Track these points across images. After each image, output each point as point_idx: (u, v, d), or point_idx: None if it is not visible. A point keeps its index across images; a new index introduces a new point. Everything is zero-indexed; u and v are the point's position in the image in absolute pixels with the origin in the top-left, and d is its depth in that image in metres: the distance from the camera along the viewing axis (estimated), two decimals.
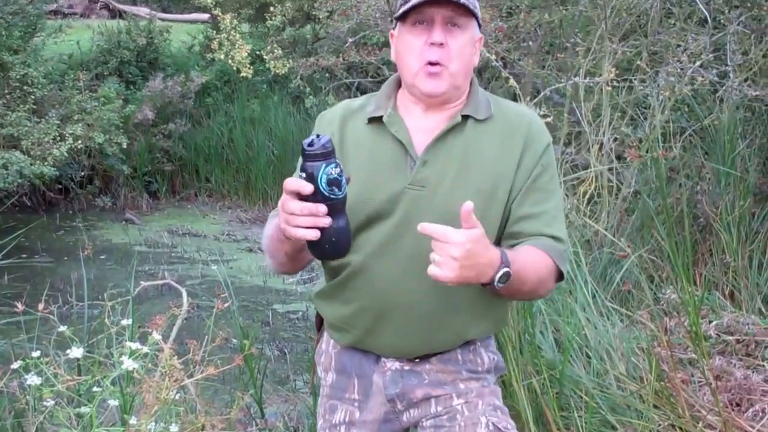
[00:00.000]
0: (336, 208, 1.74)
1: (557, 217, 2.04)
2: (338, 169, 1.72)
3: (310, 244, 1.78)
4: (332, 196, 1.72)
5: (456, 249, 1.68)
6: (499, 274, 1.76)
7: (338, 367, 2.18)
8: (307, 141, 1.73)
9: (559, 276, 2.01)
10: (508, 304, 2.27)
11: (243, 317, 5.54)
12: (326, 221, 1.73)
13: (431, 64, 1.94)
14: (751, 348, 3.66)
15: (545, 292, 2.06)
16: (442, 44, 1.93)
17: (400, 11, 1.96)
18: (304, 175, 1.72)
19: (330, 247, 1.79)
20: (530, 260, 1.89)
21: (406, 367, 2.11)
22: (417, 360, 2.10)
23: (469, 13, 1.95)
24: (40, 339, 3.22)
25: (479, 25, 2.02)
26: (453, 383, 2.11)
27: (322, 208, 1.71)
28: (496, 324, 2.19)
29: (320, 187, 1.71)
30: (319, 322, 2.30)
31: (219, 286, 3.85)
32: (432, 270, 1.71)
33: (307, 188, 1.71)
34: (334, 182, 1.72)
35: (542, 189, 2.02)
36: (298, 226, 1.74)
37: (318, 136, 1.74)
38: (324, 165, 1.71)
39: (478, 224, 1.70)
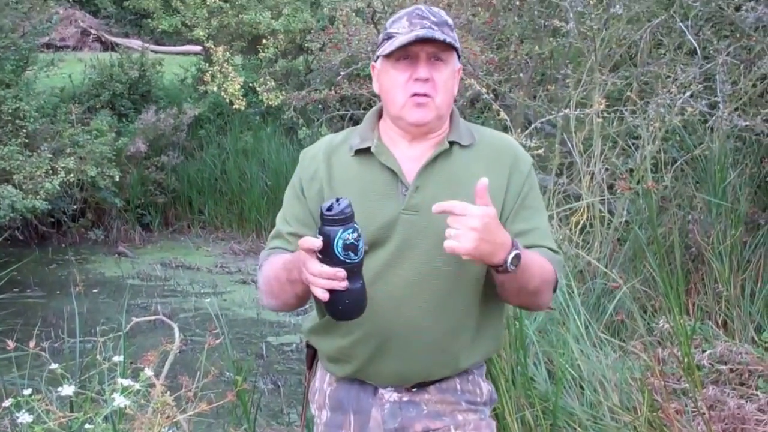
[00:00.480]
0: (351, 271, 1.75)
1: (548, 231, 2.12)
2: (355, 234, 1.73)
3: (325, 303, 1.79)
4: (347, 261, 1.73)
5: (475, 220, 1.73)
6: (511, 256, 1.81)
7: (333, 404, 2.17)
8: (325, 205, 1.74)
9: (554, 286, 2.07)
10: (503, 324, 2.29)
11: (236, 350, 5.52)
12: (343, 285, 1.74)
13: (418, 95, 1.98)
14: (744, 377, 3.67)
15: (547, 299, 2.09)
16: (427, 79, 1.97)
17: (387, 51, 1.99)
18: (321, 238, 1.72)
19: (343, 309, 1.81)
20: (536, 258, 1.95)
21: (405, 398, 2.10)
22: (415, 389, 2.10)
23: (451, 47, 1.99)
24: (32, 375, 3.20)
25: (458, 56, 2.07)
26: (452, 414, 2.11)
27: (341, 273, 1.73)
28: (494, 344, 2.21)
29: (335, 251, 1.71)
30: (310, 361, 2.29)
31: (212, 319, 3.84)
32: (449, 243, 1.75)
33: (317, 243, 1.71)
34: (351, 247, 1.72)
35: (531, 207, 2.08)
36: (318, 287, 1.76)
37: (337, 200, 1.74)
38: (341, 230, 1.71)
39: (491, 203, 1.77)
